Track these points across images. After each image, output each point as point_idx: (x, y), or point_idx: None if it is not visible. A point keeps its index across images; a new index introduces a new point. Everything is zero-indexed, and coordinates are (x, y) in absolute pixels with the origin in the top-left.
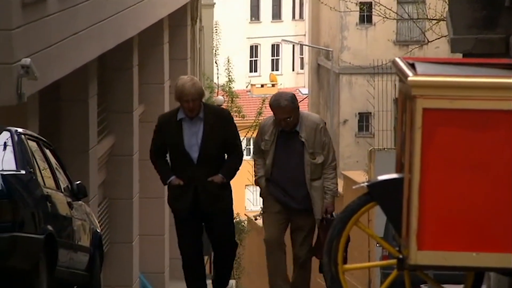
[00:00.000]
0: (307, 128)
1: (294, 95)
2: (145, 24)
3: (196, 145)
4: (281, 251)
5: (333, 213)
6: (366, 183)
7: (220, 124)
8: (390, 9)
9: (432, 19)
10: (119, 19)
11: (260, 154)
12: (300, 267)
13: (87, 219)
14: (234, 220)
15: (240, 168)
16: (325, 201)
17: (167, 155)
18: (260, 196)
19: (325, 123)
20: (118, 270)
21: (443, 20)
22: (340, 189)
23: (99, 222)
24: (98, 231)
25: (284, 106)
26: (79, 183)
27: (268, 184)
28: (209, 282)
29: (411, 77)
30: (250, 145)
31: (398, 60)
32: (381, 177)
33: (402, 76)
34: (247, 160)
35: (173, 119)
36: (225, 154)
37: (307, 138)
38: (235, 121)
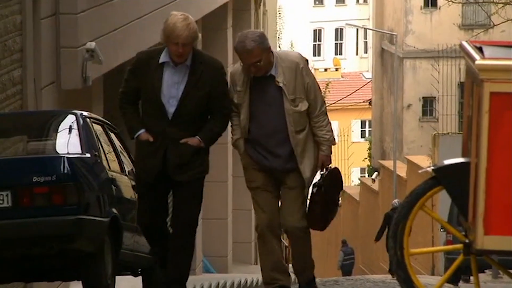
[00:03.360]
0: (285, 69)
1: (263, 33)
2: (209, 8)
3: (175, 98)
4: (276, 239)
5: (330, 167)
6: (432, 167)
7: (209, 76)
8: None
9: (498, 3)
10: (182, 3)
11: (235, 111)
12: (295, 241)
13: None
14: None
15: (223, 133)
16: (321, 153)
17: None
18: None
19: (307, 61)
20: None
21: (509, 3)
22: (403, 173)
23: None
24: None
25: (251, 48)
26: None
27: (247, 146)
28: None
29: (479, 61)
30: None
31: (465, 43)
32: (448, 161)
33: (469, 59)
34: None
35: (154, 60)
36: (208, 115)
37: (286, 82)
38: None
